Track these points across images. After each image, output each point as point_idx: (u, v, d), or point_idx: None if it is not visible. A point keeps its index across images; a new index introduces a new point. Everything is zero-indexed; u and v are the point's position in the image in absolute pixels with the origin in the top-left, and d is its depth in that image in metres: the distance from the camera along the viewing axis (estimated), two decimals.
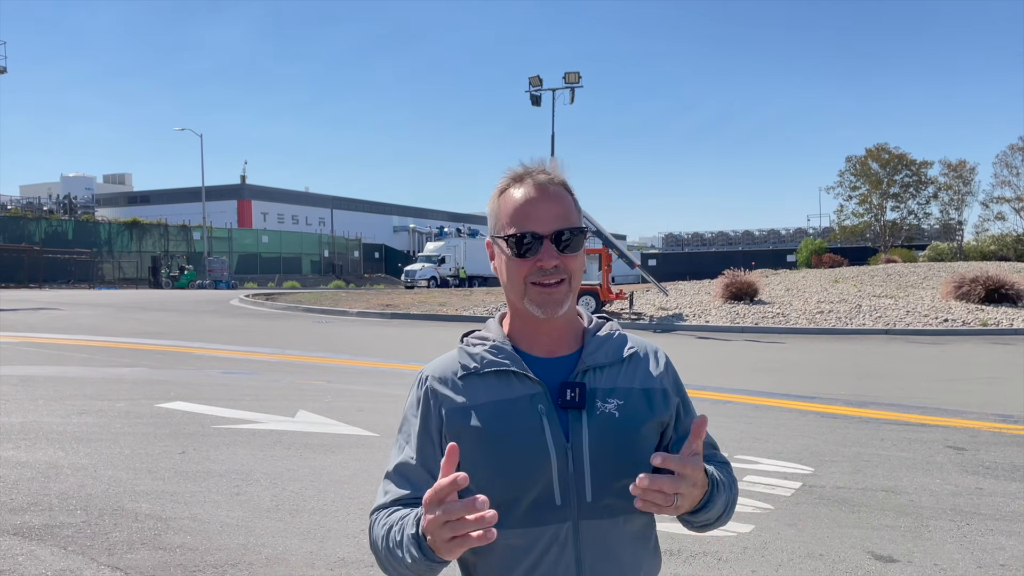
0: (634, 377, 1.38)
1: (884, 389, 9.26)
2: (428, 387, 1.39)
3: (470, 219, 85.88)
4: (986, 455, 5.95)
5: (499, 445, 1.30)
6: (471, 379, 1.36)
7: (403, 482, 1.35)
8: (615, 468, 1.31)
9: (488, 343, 1.39)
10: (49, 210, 59.30)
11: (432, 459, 1.34)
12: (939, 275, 24.50)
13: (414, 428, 1.38)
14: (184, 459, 5.64)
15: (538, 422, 1.30)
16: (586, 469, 1.30)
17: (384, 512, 1.34)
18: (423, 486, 1.28)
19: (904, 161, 51.84)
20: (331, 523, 4.34)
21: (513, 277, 1.34)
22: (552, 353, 1.38)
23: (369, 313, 22.26)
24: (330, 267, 62.71)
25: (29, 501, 4.63)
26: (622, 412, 1.33)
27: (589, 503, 1.30)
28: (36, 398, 7.91)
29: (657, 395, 1.38)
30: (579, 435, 1.30)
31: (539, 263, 1.31)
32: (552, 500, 1.29)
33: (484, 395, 1.34)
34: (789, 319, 18.50)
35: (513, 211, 1.34)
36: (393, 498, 1.34)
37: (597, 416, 1.32)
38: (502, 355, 1.36)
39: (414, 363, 11.49)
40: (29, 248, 44.74)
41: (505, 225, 1.35)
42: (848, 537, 4.18)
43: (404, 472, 1.36)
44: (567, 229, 1.33)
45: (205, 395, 8.22)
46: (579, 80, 27.35)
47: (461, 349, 1.41)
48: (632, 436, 1.33)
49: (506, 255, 1.35)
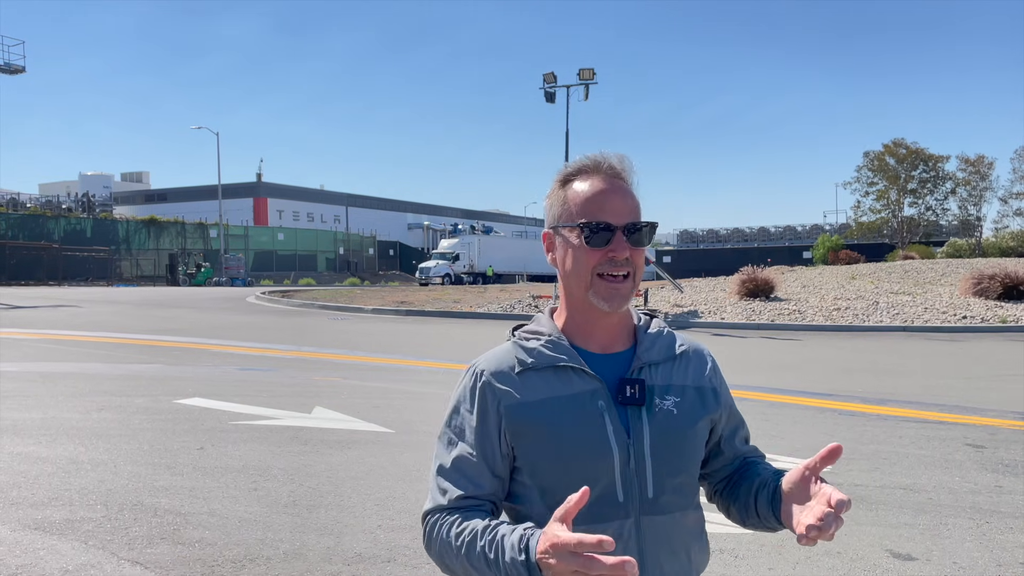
0: (687, 375, 1.40)
1: (902, 386, 9.19)
2: (485, 381, 1.34)
3: (484, 216, 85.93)
4: (1006, 453, 5.90)
5: (562, 442, 1.28)
6: (528, 374, 1.33)
7: (463, 480, 1.32)
8: (674, 465, 1.33)
9: (543, 338, 1.36)
10: (68, 208, 59.82)
11: (492, 456, 1.32)
12: (957, 272, 24.28)
13: (469, 423, 1.34)
14: (202, 455, 5.68)
15: (599, 419, 1.29)
16: (648, 466, 1.30)
17: (446, 514, 1.30)
18: (485, 484, 1.31)
19: (922, 156, 51.31)
20: (348, 519, 4.36)
21: (580, 267, 1.32)
22: (607, 349, 1.37)
23: (384, 310, 22.32)
24: (345, 264, 62.93)
25: (50, 496, 4.69)
26: (679, 409, 1.34)
27: (650, 499, 1.31)
28: (56, 394, 8.00)
29: (708, 394, 1.40)
30: (640, 432, 1.31)
31: (611, 254, 1.30)
32: (615, 496, 1.29)
33: (543, 391, 1.31)
34: (806, 316, 18.39)
35: (585, 200, 1.32)
36: (454, 497, 1.31)
37: (656, 413, 1.32)
38: (559, 350, 1.34)
39: (429, 360, 11.51)
40: (48, 246, 45.19)
41: (575, 214, 1.33)
42: (866, 535, 4.15)
43: (463, 469, 1.32)
44: (641, 223, 1.32)
45: (222, 391, 8.28)
46: (594, 77, 27.24)
47: (515, 343, 1.38)
48: (689, 433, 1.35)
49: (573, 245, 1.32)
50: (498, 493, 1.34)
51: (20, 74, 35.92)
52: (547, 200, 1.40)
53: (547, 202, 1.40)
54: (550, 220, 1.38)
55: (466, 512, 1.29)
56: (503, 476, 1.34)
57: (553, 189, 1.39)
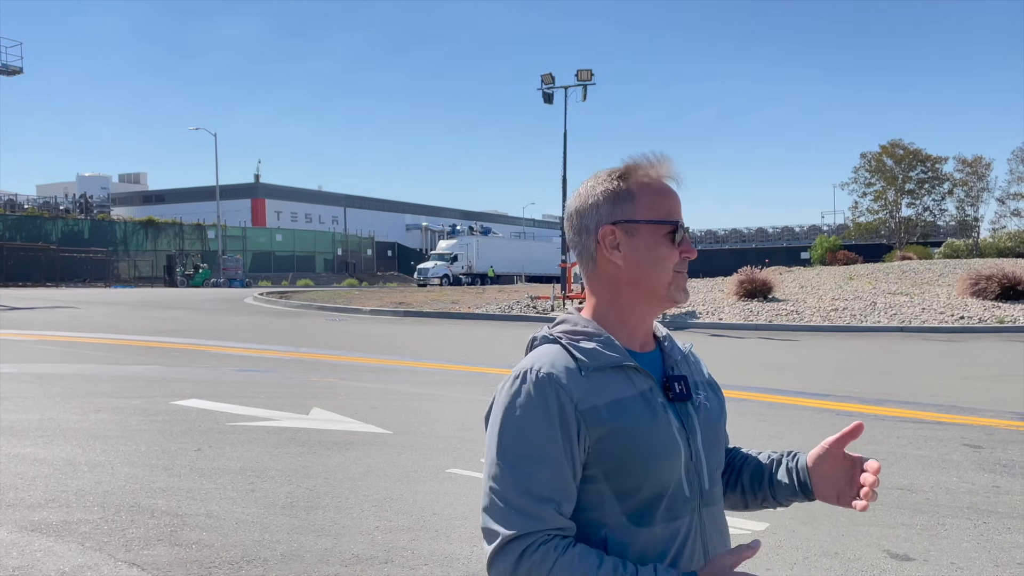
0: (699, 370, 1.46)
1: (899, 387, 9.20)
2: (553, 386, 1.25)
3: (483, 217, 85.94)
4: (1003, 453, 5.91)
5: (639, 443, 1.27)
6: (594, 375, 1.29)
7: (555, 492, 1.22)
8: (717, 455, 1.40)
9: (595, 338, 1.33)
10: (65, 209, 59.80)
11: (575, 465, 1.25)
12: (955, 272, 24.30)
13: (544, 432, 1.23)
14: (200, 456, 5.68)
15: (665, 416, 1.31)
16: (703, 458, 1.35)
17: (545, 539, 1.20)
18: (570, 494, 1.24)
19: (919, 157, 51.38)
20: (345, 520, 4.36)
21: (662, 265, 1.33)
22: (645, 347, 1.39)
23: (382, 311, 22.31)
24: (343, 265, 62.93)
25: (47, 497, 4.68)
26: (710, 402, 1.41)
27: (708, 491, 1.36)
28: (53, 395, 7.99)
29: (717, 388, 1.48)
30: (693, 425, 1.34)
31: (685, 254, 1.35)
32: (683, 492, 1.31)
33: (612, 392, 1.29)
34: (803, 317, 18.41)
35: (662, 198, 1.34)
36: (546, 513, 1.21)
37: (699, 407, 1.38)
38: (616, 350, 1.32)
39: (427, 361, 11.51)
40: (46, 247, 45.16)
41: (653, 210, 1.33)
42: (863, 535, 4.15)
43: (553, 482, 1.23)
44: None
45: (220, 393, 8.27)
46: (591, 78, 27.26)
47: (567, 345, 1.32)
48: (721, 423, 1.43)
49: (656, 242, 1.33)
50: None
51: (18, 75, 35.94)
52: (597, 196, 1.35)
53: (596, 198, 1.35)
54: (615, 215, 1.33)
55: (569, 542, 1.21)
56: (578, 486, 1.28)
57: (606, 181, 1.35)
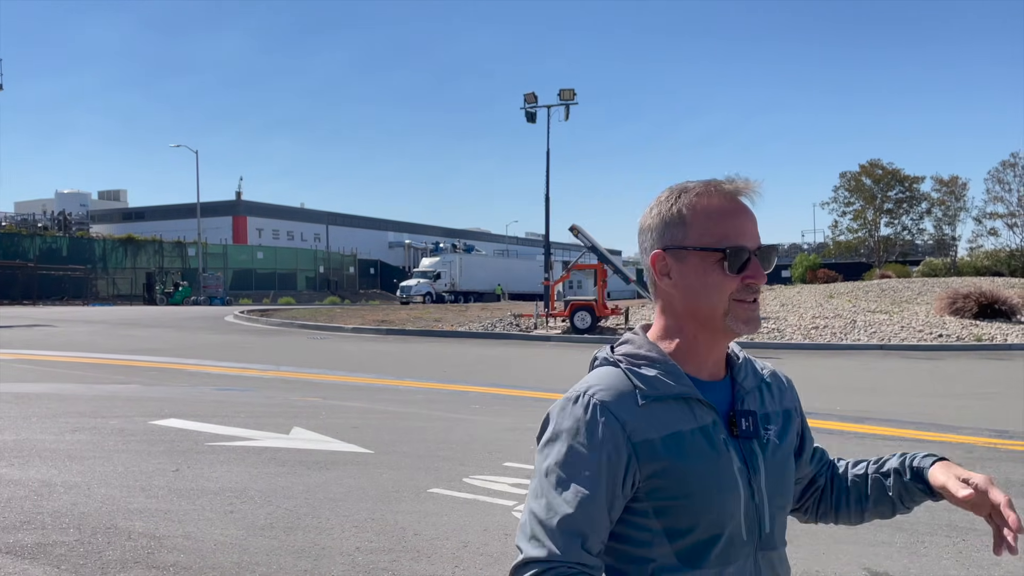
0: (774, 400, 1.35)
1: (879, 404, 9.27)
2: (607, 413, 1.20)
3: (466, 234, 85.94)
4: (982, 470, 5.93)
5: (695, 480, 1.20)
6: (653, 406, 1.22)
7: (584, 526, 1.17)
8: (783, 497, 1.30)
9: (658, 364, 1.26)
10: (43, 226, 59.20)
11: (612, 496, 1.19)
12: (933, 290, 24.57)
13: (590, 461, 1.18)
14: (178, 477, 5.61)
15: (726, 454, 1.23)
16: (766, 500, 1.26)
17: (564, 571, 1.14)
18: (600, 530, 1.18)
19: (897, 177, 52.18)
20: (326, 541, 4.31)
21: (716, 293, 1.23)
22: (714, 376, 1.30)
23: (364, 329, 22.22)
24: (325, 283, 62.65)
25: (22, 519, 4.60)
26: (779, 439, 1.31)
27: (768, 535, 1.27)
28: (29, 415, 7.87)
29: (793, 414, 1.38)
30: (757, 465, 1.26)
31: (748, 280, 1.23)
32: (740, 536, 1.23)
33: (670, 424, 1.21)
34: (784, 334, 18.53)
35: (719, 221, 1.24)
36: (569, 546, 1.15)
37: (766, 445, 1.28)
38: (679, 379, 1.25)
39: (409, 379, 11.46)
40: (23, 264, 44.64)
41: (705, 235, 1.24)
42: (844, 553, 4.17)
43: (586, 514, 1.17)
44: (771, 246, 1.27)
45: (199, 412, 8.19)
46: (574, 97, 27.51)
47: (627, 370, 1.26)
48: (789, 461, 1.33)
49: (707, 268, 1.23)
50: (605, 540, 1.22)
51: None
52: (653, 218, 1.30)
53: (652, 220, 1.30)
54: (665, 240, 1.27)
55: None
56: (613, 521, 1.21)
57: (664, 203, 1.29)
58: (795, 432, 1.37)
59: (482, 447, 6.71)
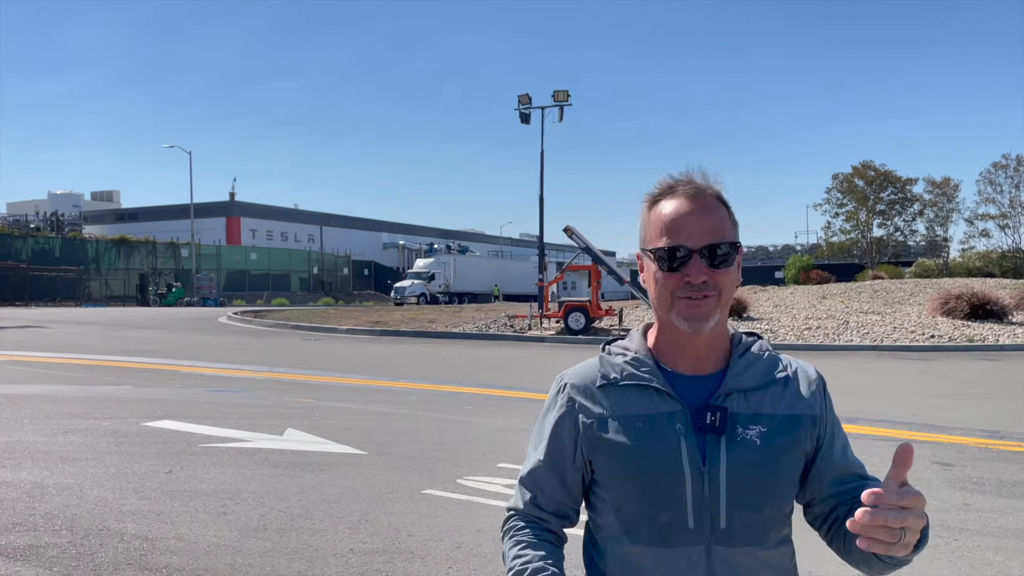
0: (780, 402, 1.32)
1: (871, 405, 9.29)
2: (568, 393, 1.38)
3: (460, 236, 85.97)
4: (973, 471, 5.98)
5: (635, 461, 1.28)
6: (609, 389, 1.34)
7: (535, 486, 1.42)
8: (753, 497, 1.28)
9: (629, 354, 1.36)
10: (36, 227, 58.99)
11: (562, 464, 1.38)
12: (925, 291, 24.67)
13: (547, 431, 1.40)
14: (171, 478, 5.60)
15: (675, 442, 1.27)
16: (722, 495, 1.27)
17: (518, 519, 1.42)
18: (547, 490, 1.40)
19: (889, 178, 52.41)
20: (319, 542, 4.31)
21: (662, 291, 1.30)
22: (696, 371, 1.33)
23: (358, 330, 22.20)
24: (319, 284, 62.57)
25: (14, 521, 4.59)
26: (764, 440, 1.28)
27: (723, 530, 1.27)
28: (22, 417, 7.84)
29: (804, 421, 1.33)
30: (716, 460, 1.27)
31: (687, 278, 1.26)
32: (685, 522, 1.27)
33: (622, 408, 1.31)
34: (777, 335, 18.57)
35: (664, 223, 1.29)
36: (524, 500, 1.42)
37: (737, 443, 1.28)
38: (643, 368, 1.33)
39: (403, 380, 11.46)
40: (16, 266, 44.49)
41: (655, 237, 1.30)
42: (835, 554, 4.17)
43: (536, 475, 1.41)
44: (720, 243, 1.27)
45: (192, 413, 8.17)
46: (568, 99, 27.59)
47: (603, 358, 1.39)
48: (772, 465, 1.29)
49: (652, 268, 1.31)
50: (567, 501, 1.41)
51: None
52: (639, 221, 1.38)
53: (639, 224, 1.38)
54: (639, 242, 1.38)
55: (537, 531, 1.39)
56: (573, 486, 1.39)
57: (642, 210, 1.37)
58: (803, 440, 1.33)
59: (476, 448, 6.71)
